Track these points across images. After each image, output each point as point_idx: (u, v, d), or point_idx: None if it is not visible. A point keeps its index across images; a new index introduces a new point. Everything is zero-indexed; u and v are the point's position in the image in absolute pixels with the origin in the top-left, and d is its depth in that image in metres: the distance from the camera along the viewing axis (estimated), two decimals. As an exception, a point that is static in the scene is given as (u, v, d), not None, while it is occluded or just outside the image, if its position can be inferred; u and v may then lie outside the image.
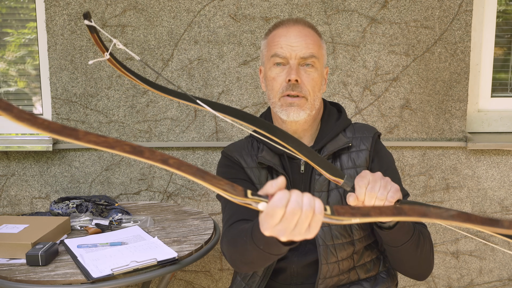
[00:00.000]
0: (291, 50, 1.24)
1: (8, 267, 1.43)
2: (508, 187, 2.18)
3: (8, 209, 2.25)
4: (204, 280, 2.28)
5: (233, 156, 1.35)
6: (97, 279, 1.34)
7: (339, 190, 1.28)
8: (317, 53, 1.26)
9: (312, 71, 1.25)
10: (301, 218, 0.72)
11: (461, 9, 2.08)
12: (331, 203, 1.27)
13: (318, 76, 1.26)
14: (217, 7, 2.11)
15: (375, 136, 1.32)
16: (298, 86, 1.23)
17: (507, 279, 2.25)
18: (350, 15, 2.10)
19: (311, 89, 1.24)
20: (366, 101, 2.14)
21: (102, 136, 0.60)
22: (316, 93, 1.26)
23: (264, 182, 1.31)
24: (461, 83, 2.12)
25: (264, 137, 1.00)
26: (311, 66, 1.25)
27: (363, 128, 1.33)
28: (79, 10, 2.12)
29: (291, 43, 1.24)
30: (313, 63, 1.25)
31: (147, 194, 2.23)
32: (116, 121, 2.18)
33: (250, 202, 0.70)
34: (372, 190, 0.95)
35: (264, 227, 0.75)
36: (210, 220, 1.84)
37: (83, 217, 1.80)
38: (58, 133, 0.56)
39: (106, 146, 0.59)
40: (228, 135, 2.17)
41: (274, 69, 1.26)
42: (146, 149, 0.63)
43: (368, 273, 1.31)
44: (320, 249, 1.25)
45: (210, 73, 2.14)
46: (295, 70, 1.23)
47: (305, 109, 1.25)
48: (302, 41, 1.24)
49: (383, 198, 0.95)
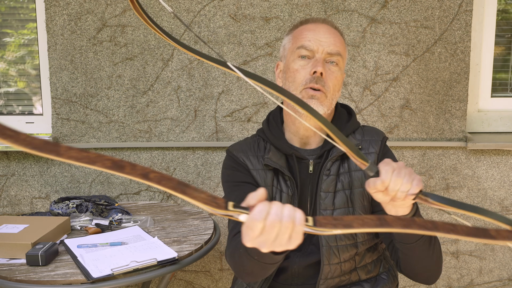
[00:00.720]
0: (319, 44, 1.24)
1: (8, 267, 1.43)
2: (508, 187, 2.18)
3: (8, 209, 2.25)
4: (204, 280, 2.28)
5: (239, 157, 1.34)
6: (97, 279, 1.33)
7: (345, 191, 1.27)
8: (343, 53, 1.27)
9: (336, 70, 1.25)
10: (281, 230, 0.73)
11: (461, 9, 2.08)
12: (337, 204, 1.26)
13: (340, 75, 1.26)
14: (217, 7, 2.11)
15: (384, 140, 1.32)
16: (322, 80, 1.23)
17: (507, 279, 2.25)
18: (350, 15, 2.10)
19: (332, 86, 1.24)
20: (366, 101, 2.14)
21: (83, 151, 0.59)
22: (335, 92, 1.26)
23: (270, 184, 1.30)
24: (461, 83, 2.12)
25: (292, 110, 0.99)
26: (335, 64, 1.25)
27: (372, 132, 1.33)
28: (79, 10, 2.12)
29: (319, 38, 1.25)
30: (337, 61, 1.25)
31: (147, 194, 2.23)
32: (116, 121, 2.18)
33: (231, 214, 0.70)
34: (398, 175, 0.91)
35: (245, 239, 0.75)
36: (210, 220, 1.84)
37: (83, 217, 1.80)
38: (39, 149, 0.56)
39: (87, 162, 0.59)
40: (228, 135, 2.17)
41: (299, 61, 1.26)
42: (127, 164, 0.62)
43: (369, 274, 1.31)
44: (323, 250, 1.25)
45: (210, 73, 2.14)
46: (321, 63, 1.23)
47: (324, 105, 1.24)
48: (331, 38, 1.25)
49: (409, 184, 0.91)
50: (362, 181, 1.26)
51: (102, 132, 2.19)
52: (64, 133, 2.19)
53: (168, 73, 2.15)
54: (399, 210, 1.00)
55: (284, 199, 1.29)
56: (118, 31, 2.13)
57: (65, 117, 2.18)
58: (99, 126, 2.18)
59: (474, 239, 0.71)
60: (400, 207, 0.98)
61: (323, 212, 1.26)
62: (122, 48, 2.14)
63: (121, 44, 2.13)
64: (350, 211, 1.26)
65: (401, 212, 1.01)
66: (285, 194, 1.29)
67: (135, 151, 2.20)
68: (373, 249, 1.33)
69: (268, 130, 1.34)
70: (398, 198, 0.93)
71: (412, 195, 0.91)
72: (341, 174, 1.27)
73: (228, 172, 1.35)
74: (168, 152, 2.20)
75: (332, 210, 1.26)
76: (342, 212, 1.26)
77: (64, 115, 2.18)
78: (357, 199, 1.26)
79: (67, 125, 2.18)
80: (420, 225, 0.70)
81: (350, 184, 1.27)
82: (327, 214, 1.26)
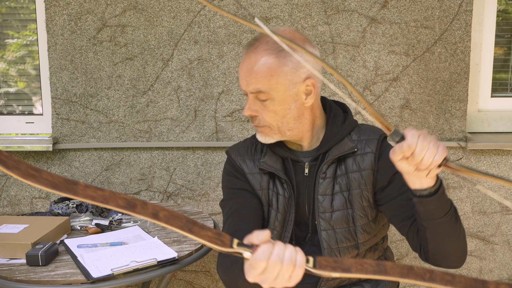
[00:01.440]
0: (244, 83, 1.24)
1: (8, 267, 1.43)
2: (508, 187, 2.18)
3: (8, 209, 2.25)
4: (204, 280, 2.28)
5: (236, 161, 1.35)
6: (97, 279, 1.34)
7: (343, 193, 1.27)
8: (267, 86, 1.19)
9: (268, 103, 1.21)
10: (282, 271, 0.76)
11: (461, 9, 2.08)
12: (335, 206, 1.26)
13: (277, 105, 1.21)
14: (217, 7, 2.11)
15: (381, 138, 1.30)
16: (255, 119, 1.25)
17: (507, 279, 2.25)
18: (350, 15, 2.10)
19: (270, 119, 1.23)
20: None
21: (99, 189, 0.62)
22: (279, 120, 1.23)
23: (266, 187, 1.31)
24: (461, 83, 2.12)
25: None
26: (265, 99, 1.22)
27: (368, 131, 1.31)
28: (79, 10, 2.12)
29: (243, 77, 1.23)
30: (264, 97, 1.21)
31: (147, 194, 2.23)
32: (116, 121, 2.18)
33: (236, 251, 0.74)
34: (424, 140, 0.90)
35: (248, 275, 0.79)
36: (210, 220, 1.84)
37: (83, 217, 1.80)
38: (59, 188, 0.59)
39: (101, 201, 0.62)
40: (228, 135, 2.17)
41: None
42: (139, 202, 0.65)
43: None
44: (325, 252, 1.25)
45: (210, 73, 2.14)
46: (248, 105, 1.24)
47: (270, 135, 1.26)
48: (248, 76, 1.21)
49: (435, 149, 0.90)
50: (359, 182, 1.26)
51: (102, 132, 2.19)
52: (64, 133, 2.19)
53: (168, 73, 2.15)
54: (423, 182, 0.99)
55: (281, 201, 1.29)
56: (118, 31, 2.13)
57: (65, 117, 2.18)
58: (99, 126, 2.18)
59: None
60: (424, 178, 0.97)
61: (322, 215, 1.26)
62: (122, 48, 2.14)
63: (121, 44, 2.14)
64: (349, 213, 1.26)
65: (426, 184, 0.99)
66: (281, 196, 1.29)
67: (135, 151, 2.20)
68: (374, 249, 1.33)
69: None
70: (423, 165, 0.91)
71: (438, 161, 0.90)
72: (338, 176, 1.27)
73: (226, 178, 1.38)
74: (168, 152, 2.20)
75: (331, 212, 1.26)
76: (341, 214, 1.26)
77: (64, 115, 2.18)
78: (356, 200, 1.26)
79: (67, 125, 2.18)
80: (417, 274, 0.71)
81: (348, 186, 1.26)
82: (326, 217, 1.26)
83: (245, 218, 1.28)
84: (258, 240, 0.77)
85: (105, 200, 0.61)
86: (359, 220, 1.26)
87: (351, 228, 1.26)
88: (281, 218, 1.29)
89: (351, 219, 1.26)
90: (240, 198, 1.32)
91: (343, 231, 1.26)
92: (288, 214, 1.29)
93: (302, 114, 1.25)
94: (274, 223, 1.30)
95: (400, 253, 2.23)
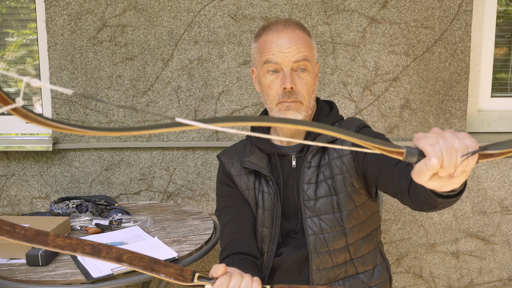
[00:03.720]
0: (284, 56, 1.24)
1: (8, 267, 1.43)
2: (508, 187, 2.18)
3: (8, 209, 2.25)
4: (204, 280, 2.28)
5: (226, 165, 1.39)
6: (97, 279, 1.34)
7: (327, 181, 1.29)
8: (309, 55, 1.27)
9: (305, 75, 1.26)
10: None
11: (461, 9, 2.08)
12: (319, 194, 1.28)
13: (312, 79, 1.28)
14: (217, 7, 2.11)
15: (360, 127, 1.30)
16: (293, 93, 1.25)
17: (507, 279, 2.25)
18: (350, 15, 2.10)
19: (305, 93, 1.26)
20: (366, 101, 2.14)
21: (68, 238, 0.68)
22: (310, 95, 1.28)
23: (252, 187, 1.35)
24: (461, 83, 2.12)
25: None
26: (304, 70, 1.26)
27: (350, 121, 1.34)
28: (79, 10, 2.12)
29: (283, 50, 1.24)
30: (306, 66, 1.26)
31: (147, 194, 2.23)
32: (116, 121, 2.18)
33: (198, 284, 0.80)
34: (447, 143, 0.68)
35: None
36: (210, 220, 1.84)
37: (83, 217, 1.80)
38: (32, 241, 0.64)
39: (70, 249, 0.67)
40: (228, 135, 2.17)
41: (269, 77, 1.27)
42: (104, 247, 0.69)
43: (366, 266, 1.33)
44: (309, 239, 1.27)
45: (210, 73, 2.14)
46: (289, 78, 1.24)
47: (301, 112, 1.27)
48: (294, 47, 1.24)
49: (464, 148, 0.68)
50: (341, 169, 1.28)
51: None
52: (64, 133, 2.19)
53: (168, 73, 2.15)
54: (456, 183, 0.73)
55: (266, 199, 1.33)
56: (118, 31, 2.13)
57: (65, 117, 2.18)
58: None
59: None
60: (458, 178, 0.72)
61: (306, 203, 1.29)
62: (122, 48, 2.14)
63: (121, 44, 2.13)
64: (334, 199, 1.28)
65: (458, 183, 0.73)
66: (266, 194, 1.33)
67: (135, 151, 2.20)
68: (369, 240, 1.34)
69: (253, 132, 1.36)
70: (458, 170, 0.70)
71: (473, 159, 0.69)
72: (322, 165, 1.30)
73: (218, 186, 1.42)
74: (168, 152, 2.20)
75: (315, 200, 1.29)
76: (325, 201, 1.28)
77: (64, 115, 2.18)
78: (340, 186, 1.28)
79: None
80: None
81: (331, 173, 1.29)
82: (310, 205, 1.28)
83: (237, 226, 1.32)
84: (215, 273, 0.87)
85: (72, 249, 0.67)
86: (345, 206, 1.28)
87: (336, 214, 1.28)
88: (268, 215, 1.32)
89: (336, 205, 1.28)
90: (231, 206, 1.37)
91: (328, 217, 1.28)
92: (275, 210, 1.32)
93: (314, 97, 1.32)
94: (261, 221, 1.33)
95: (400, 253, 2.23)
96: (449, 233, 2.23)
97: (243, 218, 1.34)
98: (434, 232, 2.21)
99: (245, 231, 1.31)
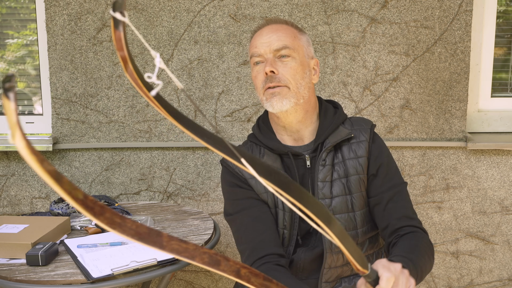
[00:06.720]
0: (265, 46, 1.27)
1: (8, 267, 1.43)
2: (508, 187, 2.18)
3: (8, 209, 2.25)
4: (204, 280, 2.28)
5: (235, 169, 1.33)
6: (97, 279, 1.33)
7: (341, 180, 1.30)
8: (291, 44, 1.27)
9: (289, 60, 1.26)
10: None
11: (461, 9, 2.08)
12: (335, 192, 1.29)
13: (298, 65, 1.27)
14: (217, 7, 2.11)
15: (372, 128, 1.36)
16: (275, 77, 1.25)
17: (507, 279, 2.25)
18: (350, 15, 2.10)
19: (290, 77, 1.25)
20: (366, 101, 2.14)
21: (183, 242, 0.56)
22: (298, 80, 1.26)
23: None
24: (461, 83, 2.12)
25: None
26: (287, 57, 1.27)
27: (360, 121, 1.36)
28: (79, 10, 2.12)
29: (263, 41, 1.28)
30: (288, 53, 1.26)
31: (147, 194, 2.23)
32: (116, 121, 2.18)
33: None
34: (396, 285, 0.89)
35: None
36: (210, 220, 1.84)
37: (83, 217, 1.80)
38: (144, 240, 0.53)
39: (187, 256, 0.56)
40: (228, 135, 2.17)
41: (255, 68, 1.30)
42: (221, 258, 0.60)
43: None
44: (325, 238, 1.27)
45: (210, 73, 2.14)
46: (269, 63, 1.25)
47: (288, 97, 1.25)
48: (273, 35, 1.28)
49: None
50: (357, 169, 1.29)
51: (102, 132, 2.19)
52: (64, 133, 2.19)
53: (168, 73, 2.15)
54: None
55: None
56: (118, 31, 2.13)
57: (65, 117, 2.18)
58: (99, 126, 2.18)
59: None
60: None
61: (322, 202, 1.28)
62: (122, 48, 2.14)
63: (121, 44, 2.13)
64: (348, 199, 1.29)
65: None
66: None
67: (135, 151, 2.20)
68: (374, 241, 1.35)
69: (260, 133, 1.36)
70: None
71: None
72: (336, 164, 1.30)
73: (229, 190, 1.35)
74: (168, 152, 2.20)
75: (331, 198, 1.29)
76: (340, 200, 1.29)
77: (64, 115, 2.18)
78: (354, 186, 1.29)
79: (67, 125, 2.18)
80: None
81: (345, 173, 1.30)
82: (326, 203, 1.28)
83: (260, 229, 1.27)
84: None
85: (190, 256, 0.57)
86: (358, 206, 1.29)
87: (350, 214, 1.29)
88: (288, 217, 1.30)
89: (350, 205, 1.29)
90: (248, 209, 1.31)
91: (343, 217, 1.29)
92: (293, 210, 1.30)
93: (311, 88, 1.32)
94: (283, 223, 1.31)
95: (400, 253, 2.23)
96: (449, 233, 2.23)
97: (266, 218, 1.29)
98: (434, 232, 2.21)
99: (271, 231, 1.28)
